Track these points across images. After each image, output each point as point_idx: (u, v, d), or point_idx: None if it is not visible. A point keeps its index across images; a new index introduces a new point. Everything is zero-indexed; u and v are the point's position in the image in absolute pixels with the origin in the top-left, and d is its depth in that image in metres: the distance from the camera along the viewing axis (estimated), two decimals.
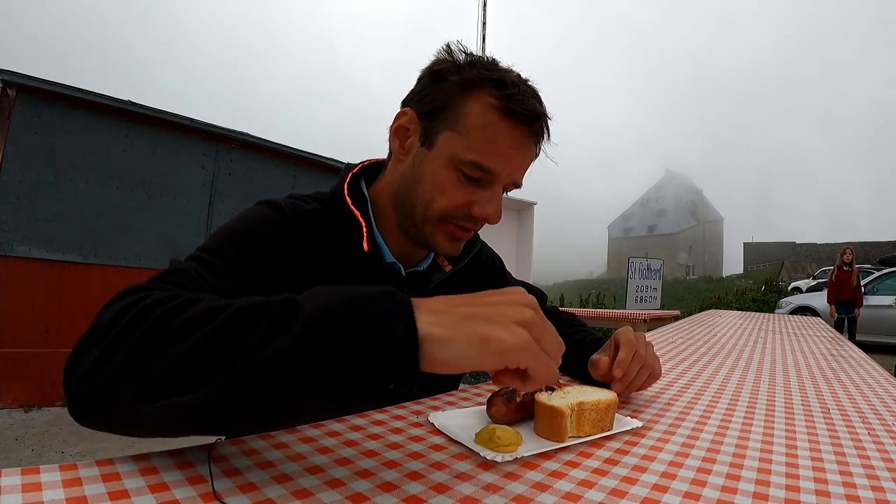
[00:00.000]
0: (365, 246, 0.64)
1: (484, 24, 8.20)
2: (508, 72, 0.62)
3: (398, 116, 0.66)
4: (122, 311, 0.39)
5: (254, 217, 0.62)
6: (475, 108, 0.60)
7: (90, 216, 3.89)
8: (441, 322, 0.36)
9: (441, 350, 0.35)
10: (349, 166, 0.73)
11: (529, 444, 0.51)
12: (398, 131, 0.66)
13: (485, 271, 0.88)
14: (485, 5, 8.24)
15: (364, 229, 0.65)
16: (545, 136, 0.64)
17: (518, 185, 0.66)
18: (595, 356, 0.71)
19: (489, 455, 0.46)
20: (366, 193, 0.70)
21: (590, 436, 0.54)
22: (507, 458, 0.46)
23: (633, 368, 0.66)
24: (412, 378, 0.35)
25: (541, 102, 0.62)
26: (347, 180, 0.69)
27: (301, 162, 5.16)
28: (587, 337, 0.84)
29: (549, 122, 0.63)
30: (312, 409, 0.37)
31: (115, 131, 4.03)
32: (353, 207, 0.66)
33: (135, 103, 4.09)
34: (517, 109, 0.59)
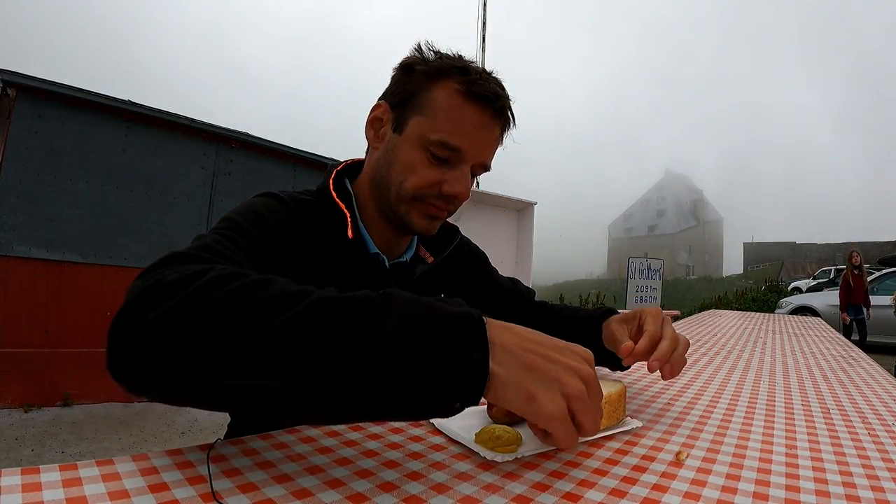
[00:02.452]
0: (349, 233, 0.68)
1: (484, 23, 8.20)
2: (472, 63, 0.67)
3: (373, 109, 0.71)
4: (192, 276, 0.38)
5: (261, 204, 0.64)
6: (441, 93, 0.64)
7: (90, 216, 3.88)
8: (506, 362, 0.38)
9: (498, 389, 0.38)
10: (334, 164, 0.77)
11: (529, 444, 0.51)
12: (373, 122, 0.71)
13: (468, 265, 0.90)
14: (485, 5, 8.24)
15: (348, 218, 0.69)
16: (510, 121, 0.69)
17: (487, 168, 0.70)
18: (617, 329, 0.70)
19: (489, 455, 0.46)
20: (349, 188, 0.74)
21: (607, 428, 0.56)
22: (507, 458, 0.46)
23: (664, 348, 0.61)
24: (475, 401, 0.37)
25: (502, 88, 0.67)
26: (332, 177, 0.73)
27: (301, 162, 5.16)
28: (588, 311, 0.83)
29: (512, 104, 0.68)
30: (383, 413, 0.38)
31: (115, 131, 4.02)
32: (337, 200, 0.70)
33: (135, 103, 4.08)
34: (479, 92, 0.64)
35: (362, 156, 0.78)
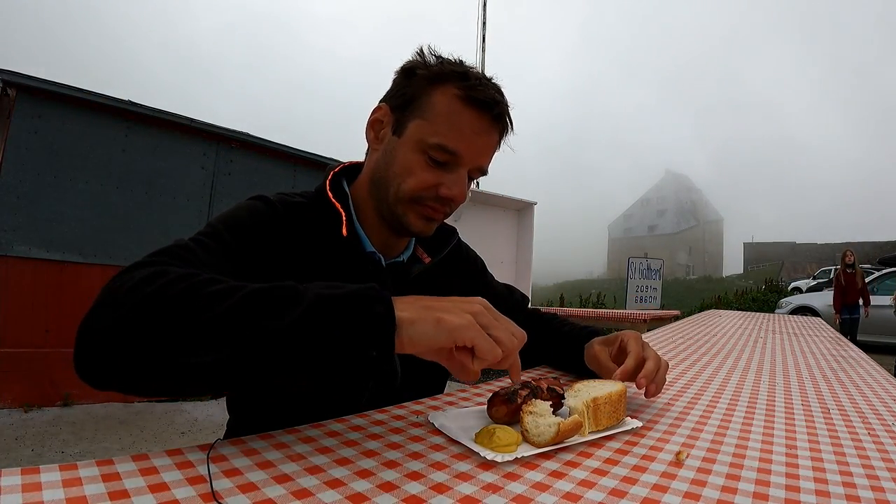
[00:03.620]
0: (344, 231, 0.69)
1: (484, 23, 8.19)
2: (472, 68, 0.68)
3: (374, 111, 0.72)
4: (149, 278, 0.44)
5: (245, 208, 0.67)
6: (441, 98, 0.66)
7: (90, 216, 3.88)
8: (409, 309, 0.45)
9: (409, 329, 0.43)
10: (332, 166, 0.78)
11: (529, 444, 0.51)
12: (374, 124, 0.72)
13: (465, 268, 0.91)
14: (485, 5, 8.24)
15: (343, 217, 0.70)
16: (508, 126, 0.71)
17: (484, 172, 0.71)
18: (600, 352, 0.76)
19: (489, 455, 0.46)
20: (346, 189, 0.76)
21: (607, 428, 0.56)
22: (507, 458, 0.46)
23: (649, 369, 0.66)
24: (389, 349, 0.43)
25: (501, 94, 0.69)
26: (329, 178, 0.74)
27: (301, 162, 5.16)
28: (575, 328, 0.89)
29: (510, 111, 0.70)
30: (310, 371, 0.42)
31: (115, 131, 4.02)
32: (333, 199, 0.71)
33: (135, 103, 4.08)
34: (478, 97, 0.65)
35: (355, 158, 0.79)
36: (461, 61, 0.69)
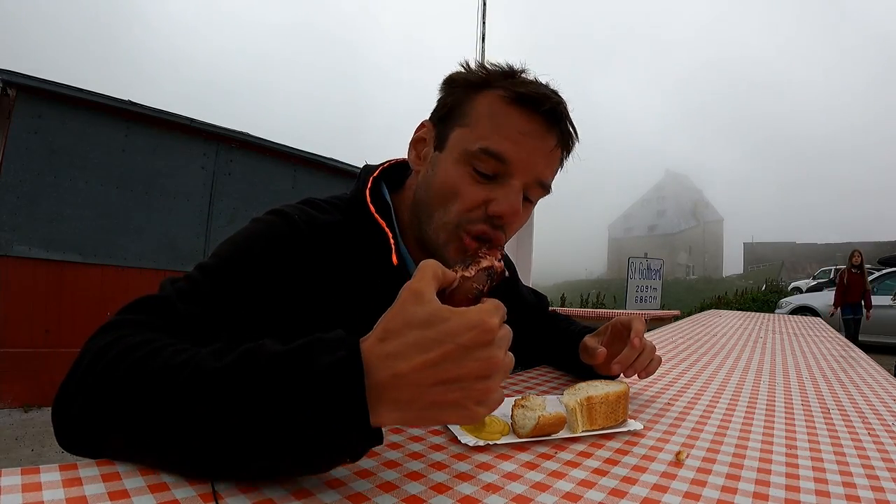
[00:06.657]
0: (394, 259, 0.61)
1: (484, 22, 8.19)
2: (522, 71, 0.60)
3: (417, 129, 0.65)
4: (97, 357, 0.42)
5: (261, 232, 0.58)
6: (483, 101, 0.58)
7: (90, 216, 3.89)
8: (404, 418, 0.36)
9: (398, 423, 0.37)
10: (369, 169, 0.68)
11: (514, 436, 0.52)
12: (416, 143, 0.65)
13: (502, 285, 0.85)
14: (484, 4, 8.23)
15: (391, 241, 0.62)
16: (571, 133, 0.61)
17: (545, 188, 0.62)
18: (590, 340, 0.75)
19: (470, 441, 0.48)
20: (388, 200, 0.67)
21: (604, 428, 0.56)
22: (479, 443, 0.48)
23: (641, 361, 0.68)
24: (364, 449, 0.37)
25: (556, 94, 0.59)
26: (369, 185, 0.65)
27: (301, 162, 5.16)
28: (577, 327, 0.89)
29: (571, 113, 0.60)
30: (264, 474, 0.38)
31: (115, 131, 4.03)
32: (377, 216, 0.63)
33: (135, 103, 4.09)
34: (524, 92, 0.56)
35: (400, 157, 0.71)
36: (511, 67, 0.60)
